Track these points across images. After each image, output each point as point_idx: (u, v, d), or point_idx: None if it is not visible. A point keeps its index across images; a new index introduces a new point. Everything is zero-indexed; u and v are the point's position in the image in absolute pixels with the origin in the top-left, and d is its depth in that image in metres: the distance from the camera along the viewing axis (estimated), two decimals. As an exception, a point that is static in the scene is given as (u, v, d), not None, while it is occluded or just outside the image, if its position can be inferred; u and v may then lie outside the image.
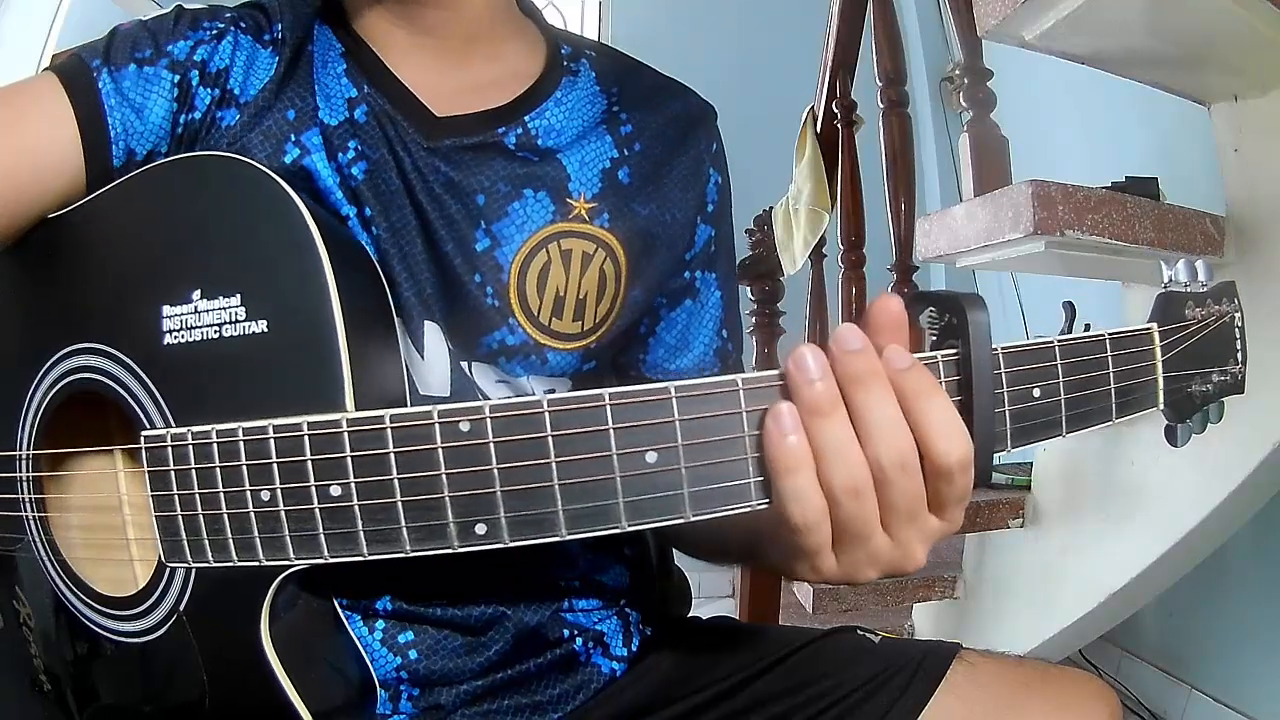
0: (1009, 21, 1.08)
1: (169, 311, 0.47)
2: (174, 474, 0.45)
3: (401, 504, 0.41)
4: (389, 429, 0.40)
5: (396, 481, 0.40)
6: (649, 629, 0.70)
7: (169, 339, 0.48)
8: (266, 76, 0.58)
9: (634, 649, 0.68)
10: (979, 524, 1.54)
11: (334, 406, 0.44)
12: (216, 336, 0.46)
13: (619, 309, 0.63)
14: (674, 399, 0.39)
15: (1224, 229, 1.18)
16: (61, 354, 0.53)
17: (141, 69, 0.56)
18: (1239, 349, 0.53)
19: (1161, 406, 0.49)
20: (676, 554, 0.75)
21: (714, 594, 2.60)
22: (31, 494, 0.53)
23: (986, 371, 0.41)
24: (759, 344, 2.01)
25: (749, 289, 2.05)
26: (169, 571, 0.48)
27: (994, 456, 0.42)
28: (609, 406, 0.39)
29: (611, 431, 0.39)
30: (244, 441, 0.43)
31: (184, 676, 0.49)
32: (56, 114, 0.54)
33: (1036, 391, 0.43)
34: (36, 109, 0.55)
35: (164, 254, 0.49)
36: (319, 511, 0.42)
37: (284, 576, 0.44)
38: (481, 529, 0.40)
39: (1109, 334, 0.46)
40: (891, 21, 1.77)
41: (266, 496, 0.42)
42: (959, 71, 1.61)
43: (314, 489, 0.42)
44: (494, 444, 0.40)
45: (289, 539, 0.43)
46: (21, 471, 0.54)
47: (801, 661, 0.63)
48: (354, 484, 0.41)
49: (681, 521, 0.40)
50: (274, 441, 0.42)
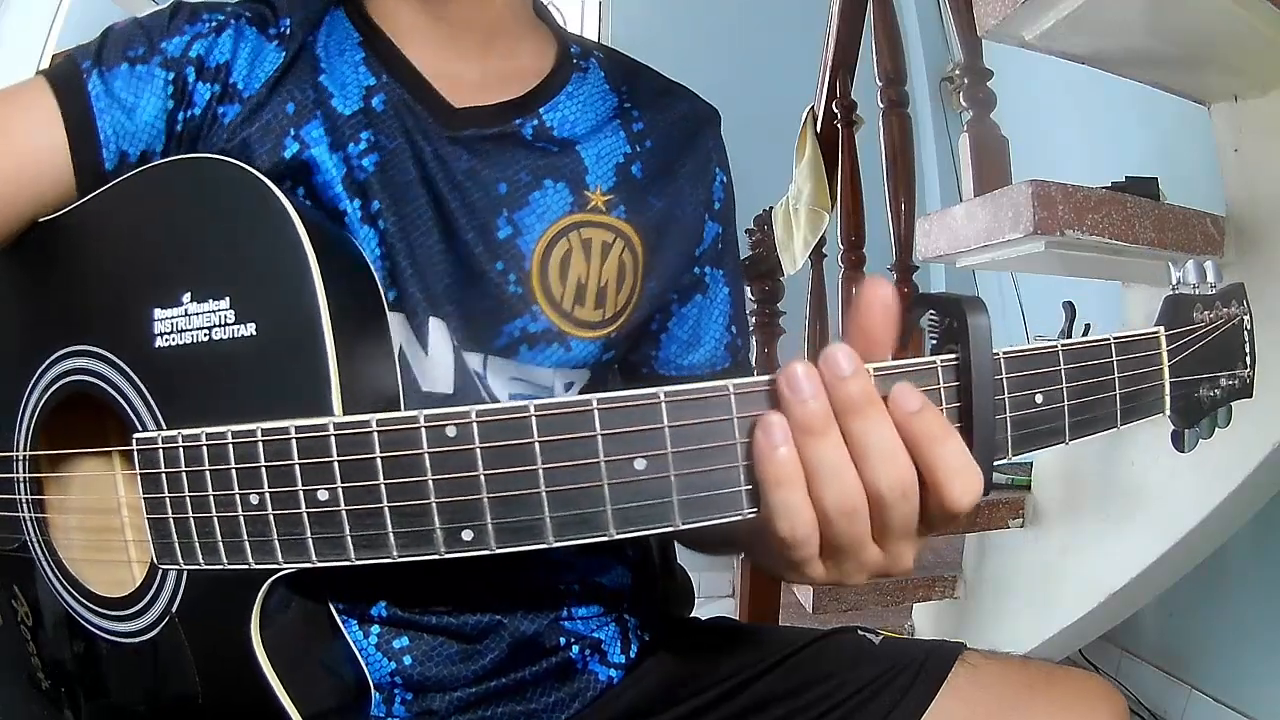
0: (1009, 21, 1.08)
1: (160, 314, 0.47)
2: (165, 476, 0.45)
3: (388, 509, 0.40)
4: (375, 433, 0.40)
5: (383, 486, 0.40)
6: (648, 634, 0.69)
7: (160, 341, 0.48)
8: (271, 69, 0.58)
9: (632, 655, 0.67)
10: (979, 524, 1.54)
11: (321, 409, 0.44)
12: (206, 339, 0.46)
13: (637, 299, 0.64)
14: (663, 404, 0.38)
15: (1224, 229, 1.18)
16: (57, 356, 0.53)
17: (134, 68, 0.56)
18: (1247, 352, 0.52)
19: (1168, 413, 0.48)
20: (679, 551, 0.75)
21: (714, 594, 2.60)
22: (28, 495, 0.53)
23: (987, 377, 0.40)
24: (759, 344, 2.01)
25: (749, 289, 2.05)
26: (162, 573, 0.48)
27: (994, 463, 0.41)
28: (596, 412, 0.38)
29: (600, 438, 0.38)
30: (232, 445, 0.43)
31: (177, 677, 0.49)
32: (45, 118, 0.54)
33: (1039, 398, 0.42)
34: (25, 115, 0.55)
35: (156, 257, 0.49)
36: (306, 516, 0.41)
37: (274, 579, 0.44)
38: (468, 535, 0.40)
39: (1114, 338, 0.44)
40: (891, 21, 1.77)
41: (255, 500, 0.42)
42: (959, 71, 1.60)
43: (301, 493, 0.41)
44: (480, 449, 0.39)
45: (277, 543, 0.42)
46: (18, 472, 0.54)
47: (802, 662, 0.62)
48: (341, 489, 0.41)
49: (670, 530, 0.39)
50: (262, 445, 0.42)
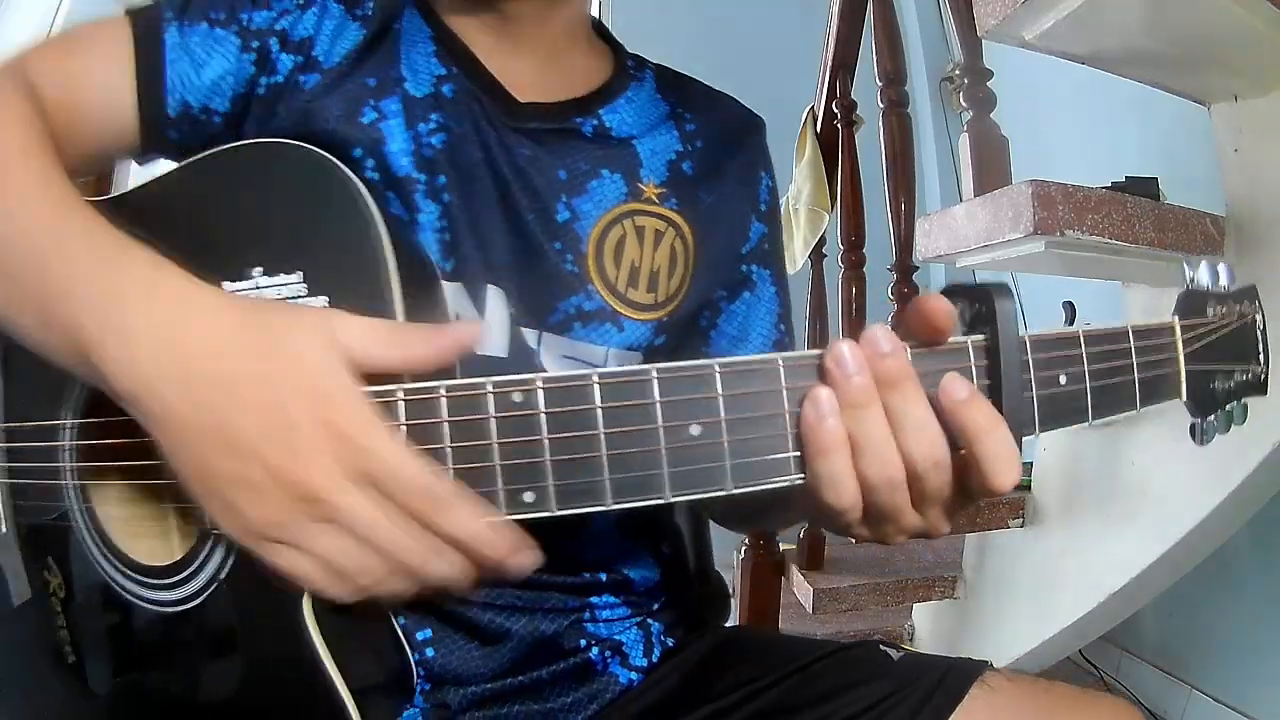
0: (1009, 21, 1.08)
1: (229, 287, 0.48)
2: None
3: (453, 470, 0.41)
4: (443, 398, 0.41)
5: (449, 450, 0.41)
6: (672, 640, 0.69)
7: None
8: (351, 45, 0.61)
9: (654, 659, 0.67)
10: (979, 524, 1.54)
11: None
12: None
13: (688, 287, 0.66)
14: (717, 374, 0.41)
15: (1224, 229, 1.18)
16: None
17: (213, 29, 0.59)
18: (1260, 350, 0.54)
19: (1184, 399, 0.50)
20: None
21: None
22: (73, 463, 0.54)
23: (1014, 357, 0.42)
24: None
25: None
26: (211, 540, 0.48)
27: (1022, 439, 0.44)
28: (656, 380, 0.41)
29: (658, 405, 0.41)
30: None
31: (220, 645, 0.49)
32: (120, 58, 0.58)
33: (1063, 378, 0.44)
34: (101, 46, 0.58)
35: (227, 232, 0.51)
36: None
37: None
38: (530, 497, 0.41)
39: (1132, 326, 0.47)
40: (891, 21, 1.77)
41: None
42: (959, 71, 1.61)
43: None
44: (545, 414, 0.41)
45: None
46: (64, 440, 0.54)
47: (818, 674, 0.62)
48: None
49: (721, 494, 0.41)
50: None
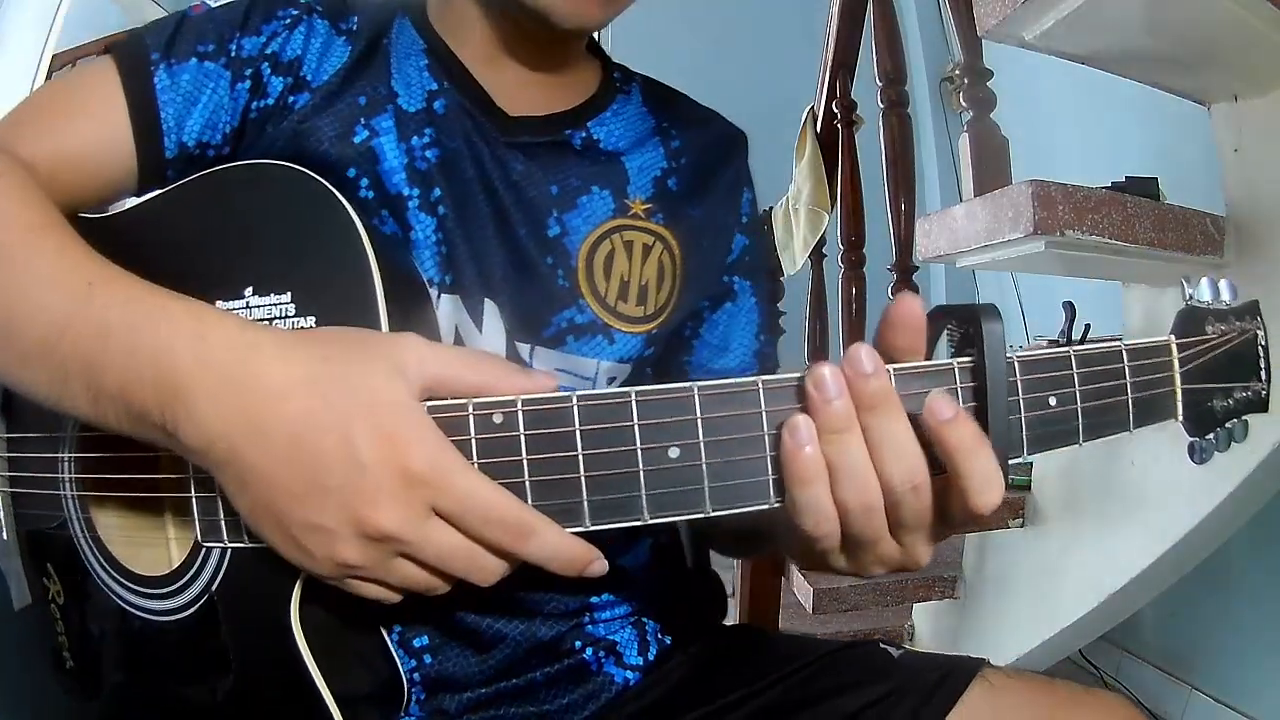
0: (1009, 21, 1.08)
1: (221, 306, 0.49)
2: None
3: None
4: None
5: None
6: (669, 638, 0.69)
7: None
8: (339, 63, 0.61)
9: (650, 658, 0.67)
10: (979, 524, 1.54)
11: None
12: None
13: (677, 299, 0.67)
14: (696, 397, 0.41)
15: (1224, 229, 1.18)
16: None
17: (202, 64, 0.58)
18: (1263, 366, 0.52)
19: (1180, 419, 0.49)
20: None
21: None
22: (72, 473, 0.54)
23: (1001, 379, 0.42)
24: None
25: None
26: (204, 551, 0.49)
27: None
28: (634, 403, 0.41)
29: (636, 427, 0.41)
30: None
31: (212, 655, 0.49)
32: (112, 108, 0.57)
33: (1053, 400, 0.44)
34: (91, 102, 0.58)
35: (219, 253, 0.51)
36: None
37: None
38: None
39: (1125, 345, 0.46)
40: (891, 21, 1.77)
41: None
42: (959, 71, 1.61)
43: None
44: (524, 436, 0.41)
45: None
46: (63, 451, 0.55)
47: (819, 673, 0.62)
48: None
49: (701, 517, 0.41)
50: None
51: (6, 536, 0.59)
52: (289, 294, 0.48)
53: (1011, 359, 0.43)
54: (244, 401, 0.40)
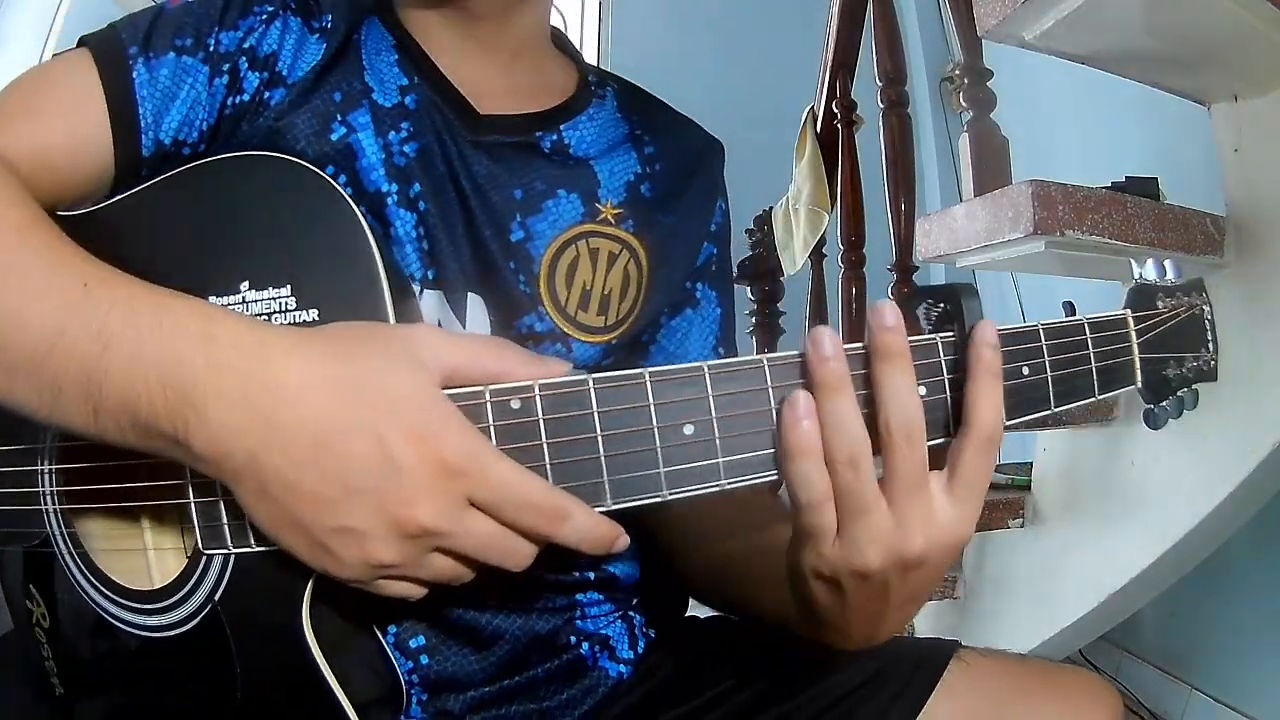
0: (1009, 21, 1.08)
1: (216, 302, 0.47)
2: None
3: None
4: None
5: None
6: (652, 631, 0.70)
7: None
8: (314, 60, 0.60)
9: (639, 651, 0.68)
10: (979, 524, 1.53)
11: None
12: None
13: (639, 309, 0.66)
14: (707, 376, 0.43)
15: (1224, 229, 1.18)
16: None
17: (180, 58, 0.57)
18: (1210, 339, 0.56)
19: (1139, 385, 0.53)
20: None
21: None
22: (54, 486, 0.52)
23: None
24: (759, 344, 2.01)
25: (749, 289, 2.05)
26: (204, 561, 0.47)
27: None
28: (649, 383, 0.43)
29: (652, 407, 0.42)
30: None
31: (216, 667, 0.48)
32: (90, 103, 0.55)
33: (1025, 369, 0.47)
34: (68, 98, 0.56)
35: (210, 248, 0.49)
36: None
37: None
38: None
39: (1087, 319, 0.50)
40: (891, 21, 1.77)
41: None
42: (959, 71, 1.60)
43: None
44: (543, 420, 0.42)
45: None
46: (43, 463, 0.52)
47: (800, 661, 0.62)
48: None
49: (716, 490, 0.43)
50: None
51: None
52: (289, 287, 0.47)
53: None
54: (261, 404, 0.39)
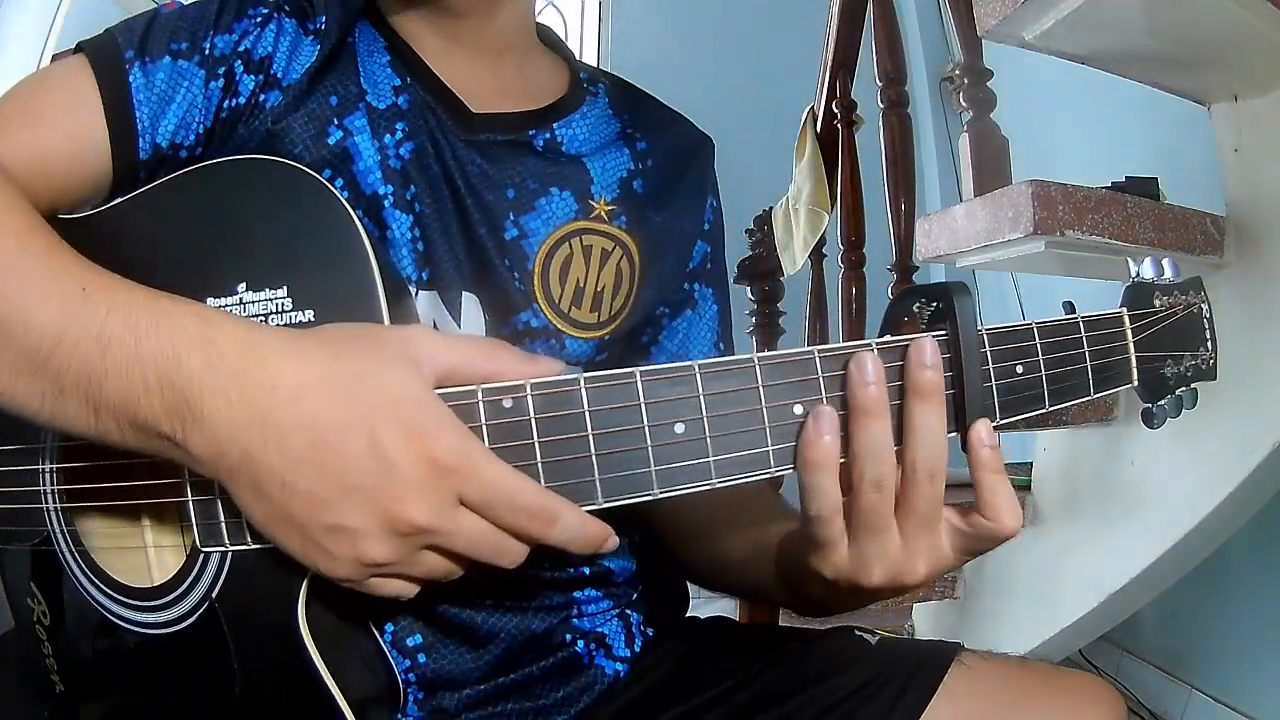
0: (1009, 21, 1.08)
1: (213, 304, 0.47)
2: None
3: None
4: None
5: None
6: (650, 630, 0.70)
7: None
8: (308, 62, 0.60)
9: (636, 649, 0.68)
10: (979, 524, 1.53)
11: None
12: None
13: (632, 305, 0.66)
14: (698, 375, 0.43)
15: (1224, 229, 1.18)
16: None
17: (176, 62, 0.57)
18: (1208, 338, 0.56)
19: (1135, 384, 0.53)
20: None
21: (714, 594, 2.60)
22: (54, 485, 0.52)
23: (974, 349, 0.45)
24: (759, 344, 2.01)
25: (749, 289, 2.05)
26: (201, 559, 0.48)
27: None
28: (640, 382, 0.43)
29: (643, 405, 0.43)
30: None
31: (213, 665, 0.48)
32: (86, 107, 0.56)
33: (1020, 368, 0.47)
34: (66, 102, 0.56)
35: (207, 250, 0.50)
36: None
37: None
38: None
39: (1082, 317, 0.50)
40: (891, 21, 1.77)
41: None
42: (959, 71, 1.60)
43: None
44: (534, 419, 0.42)
45: None
46: (44, 462, 0.53)
47: (799, 662, 0.63)
48: None
49: (706, 488, 0.43)
50: None
51: None
52: (285, 288, 0.47)
53: (981, 331, 0.46)
54: (258, 404, 0.40)
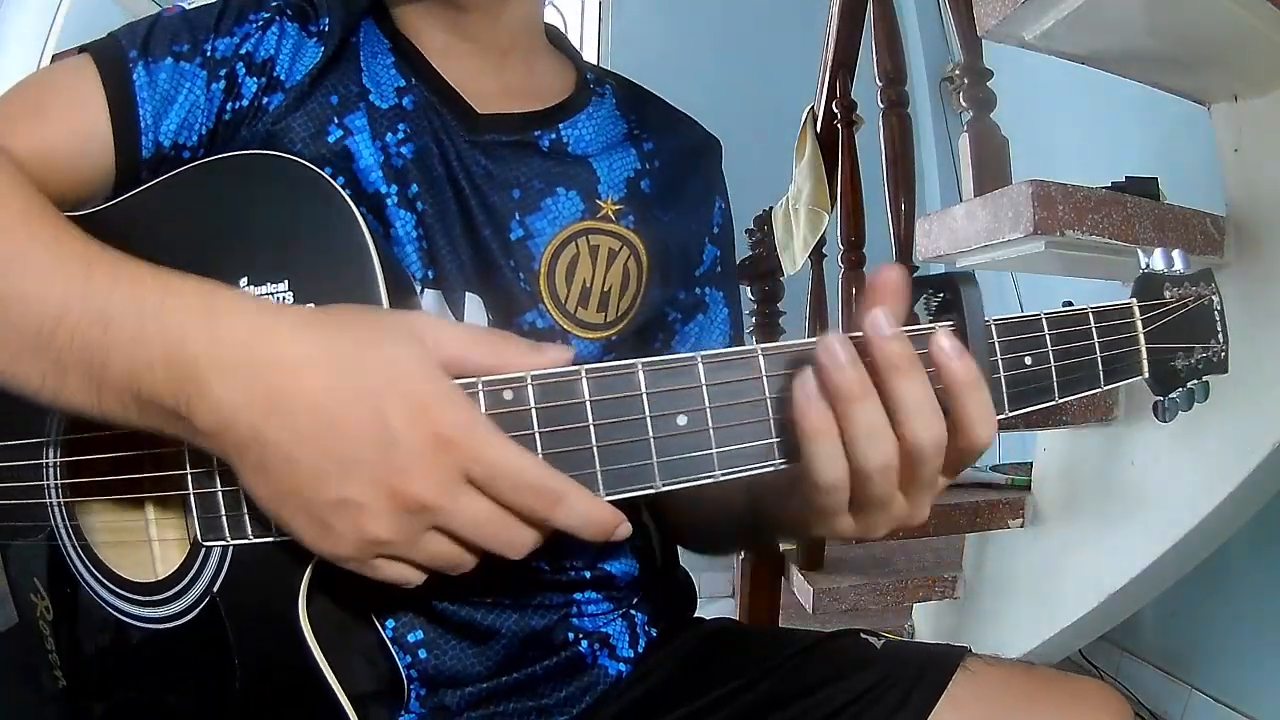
0: (1009, 21, 1.08)
1: None
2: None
3: None
4: None
5: None
6: (654, 630, 0.70)
7: None
8: (311, 63, 0.60)
9: (640, 650, 0.68)
10: (979, 524, 1.54)
11: None
12: None
13: (639, 305, 0.66)
14: (700, 366, 0.43)
15: (1224, 229, 1.18)
16: None
17: (178, 64, 0.58)
18: (1220, 330, 0.55)
19: (1146, 376, 0.52)
20: (680, 553, 0.76)
21: (714, 594, 2.61)
22: (58, 480, 0.53)
23: (981, 340, 0.44)
24: (759, 344, 2.01)
25: (749, 289, 2.05)
26: (203, 553, 0.48)
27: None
28: (641, 373, 0.42)
29: (645, 396, 0.42)
30: None
31: (215, 659, 0.49)
32: (91, 103, 0.56)
33: (1028, 359, 0.47)
34: (71, 98, 0.57)
35: (209, 244, 0.50)
36: None
37: (320, 556, 0.44)
38: None
39: (1092, 308, 0.50)
40: (891, 21, 1.77)
41: None
42: (959, 71, 1.60)
43: None
44: (535, 410, 0.42)
45: None
46: (48, 457, 0.53)
47: (803, 666, 0.63)
48: None
49: (710, 481, 0.42)
50: None
51: None
52: (286, 282, 0.48)
53: (988, 322, 0.45)
54: (264, 377, 0.39)
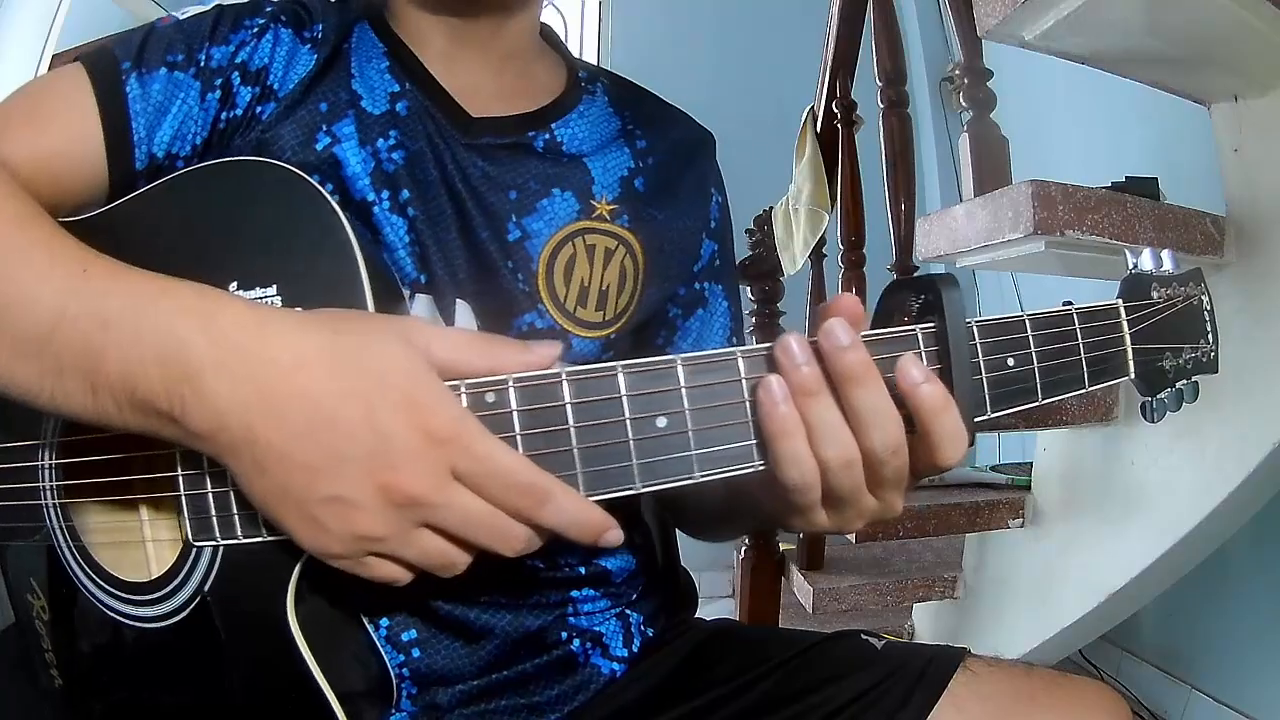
0: (1009, 21, 1.08)
1: None
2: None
3: None
4: None
5: None
6: (651, 630, 0.70)
7: None
8: (304, 71, 0.60)
9: (635, 650, 0.68)
10: (979, 524, 1.54)
11: None
12: None
13: (637, 303, 0.67)
14: (680, 368, 0.43)
15: (1224, 229, 1.18)
16: None
17: (172, 74, 0.58)
18: (1209, 330, 0.55)
19: (1133, 377, 0.52)
20: (681, 553, 0.76)
21: (714, 594, 2.61)
22: (53, 481, 0.53)
23: (963, 342, 0.45)
24: (760, 344, 2.01)
25: (749, 289, 2.05)
26: (194, 553, 0.48)
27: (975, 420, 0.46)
28: (621, 375, 0.43)
29: (625, 398, 0.43)
30: None
31: (206, 659, 0.49)
32: (83, 114, 0.56)
33: (1011, 361, 0.47)
34: (64, 108, 0.56)
35: (198, 250, 0.50)
36: None
37: (310, 555, 0.44)
38: None
39: (1076, 309, 0.49)
40: (891, 21, 1.77)
41: None
42: (959, 71, 1.60)
43: None
44: (516, 413, 0.43)
45: None
46: (44, 458, 0.54)
47: (803, 666, 0.63)
48: None
49: (690, 483, 0.43)
50: None
51: None
52: (274, 287, 0.48)
53: (970, 324, 0.45)
54: (258, 377, 0.40)
